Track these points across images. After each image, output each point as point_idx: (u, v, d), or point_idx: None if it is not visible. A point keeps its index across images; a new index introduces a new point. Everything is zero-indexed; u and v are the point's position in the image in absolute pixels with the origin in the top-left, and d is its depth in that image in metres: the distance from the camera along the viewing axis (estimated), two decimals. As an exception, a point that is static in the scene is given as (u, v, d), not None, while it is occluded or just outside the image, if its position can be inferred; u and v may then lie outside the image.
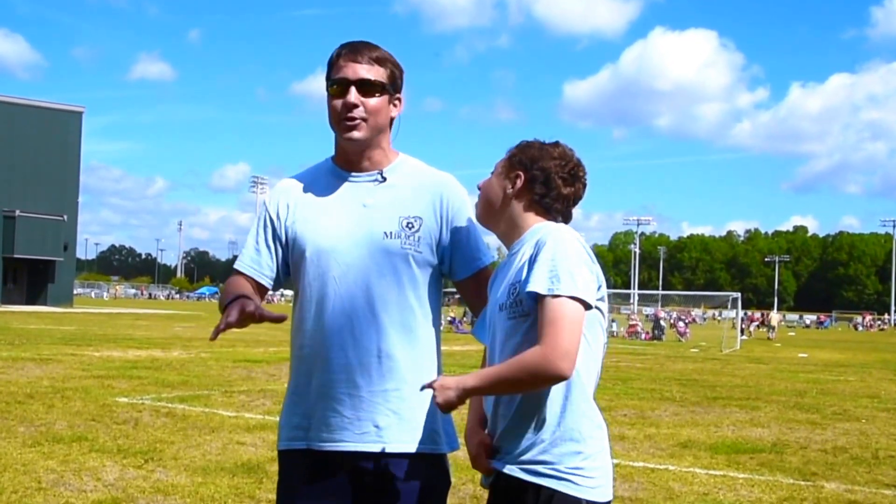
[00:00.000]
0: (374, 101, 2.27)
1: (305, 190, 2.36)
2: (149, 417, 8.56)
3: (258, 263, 2.36)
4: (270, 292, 2.45)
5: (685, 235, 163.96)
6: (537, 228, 2.19)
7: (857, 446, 8.43)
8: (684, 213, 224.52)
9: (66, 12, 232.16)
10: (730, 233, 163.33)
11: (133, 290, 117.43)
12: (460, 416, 2.22)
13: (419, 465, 2.25)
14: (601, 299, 2.12)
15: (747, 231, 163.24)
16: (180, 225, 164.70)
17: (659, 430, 8.99)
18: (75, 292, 59.90)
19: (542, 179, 2.20)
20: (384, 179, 2.33)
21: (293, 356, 2.36)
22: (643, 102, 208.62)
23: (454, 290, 2.53)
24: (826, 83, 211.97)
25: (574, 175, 2.23)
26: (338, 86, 2.27)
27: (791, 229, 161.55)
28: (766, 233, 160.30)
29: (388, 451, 2.23)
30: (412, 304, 2.28)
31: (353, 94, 2.25)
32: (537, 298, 2.04)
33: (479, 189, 2.31)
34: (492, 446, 2.20)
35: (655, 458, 7.44)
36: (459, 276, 2.38)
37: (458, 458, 6.59)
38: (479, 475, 2.32)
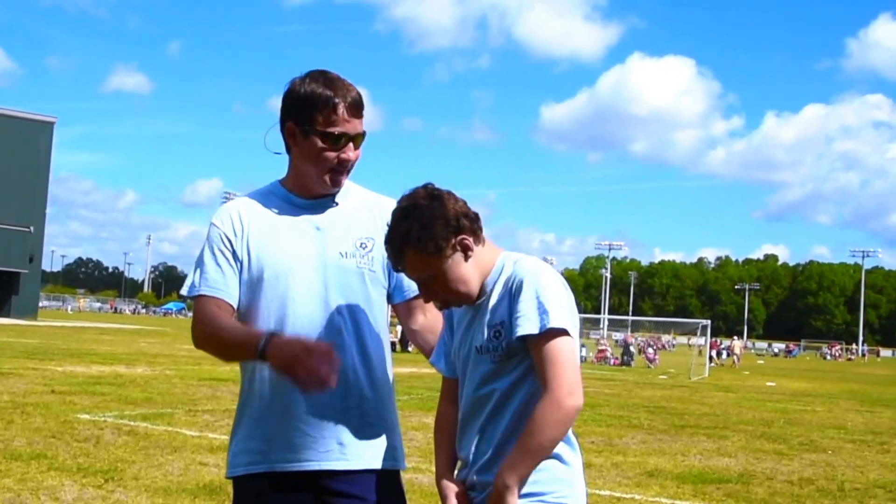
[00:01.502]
0: (360, 151, 2.32)
1: (257, 212, 2.35)
2: (110, 435, 8.40)
3: (224, 285, 2.32)
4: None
5: (656, 261, 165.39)
6: (501, 264, 2.15)
7: (822, 478, 8.46)
8: (656, 238, 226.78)
9: (43, 21, 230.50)
10: (701, 260, 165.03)
11: (98, 304, 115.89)
12: (408, 437, 2.18)
13: (381, 481, 2.29)
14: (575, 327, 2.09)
15: (718, 258, 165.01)
16: (149, 239, 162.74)
17: (626, 458, 8.97)
18: (40, 305, 59.01)
19: (465, 217, 2.09)
20: (337, 204, 2.36)
21: (249, 379, 2.33)
22: (619, 127, 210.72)
23: None
24: (800, 113, 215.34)
25: (445, 191, 2.13)
26: (336, 140, 2.26)
27: (762, 257, 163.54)
28: (736, 260, 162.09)
29: (351, 468, 2.25)
30: (368, 322, 2.33)
31: (353, 152, 2.29)
32: (527, 338, 2.01)
33: (434, 300, 2.16)
34: (466, 489, 2.14)
35: (622, 486, 7.41)
36: (395, 299, 2.43)
37: (424, 485, 6.51)
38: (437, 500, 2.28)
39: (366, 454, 2.27)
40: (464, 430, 2.16)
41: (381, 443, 2.31)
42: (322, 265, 2.29)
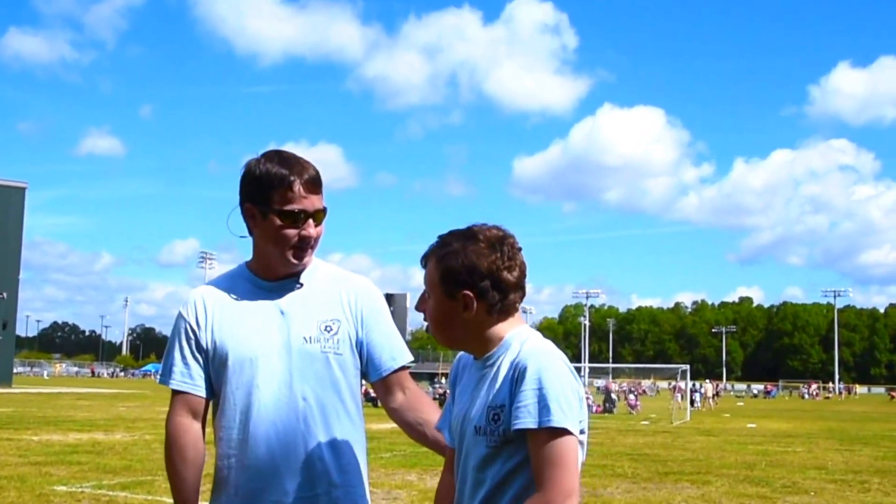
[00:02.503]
0: (321, 227, 2.31)
1: (222, 298, 2.34)
2: (89, 506, 8.26)
3: (190, 377, 2.31)
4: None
5: (634, 307, 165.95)
6: (510, 340, 2.00)
7: (805, 520, 8.48)
8: (633, 285, 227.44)
9: (12, 87, 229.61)
10: (678, 304, 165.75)
11: (75, 368, 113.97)
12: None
13: None
14: (582, 420, 1.93)
15: (695, 302, 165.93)
16: (126, 301, 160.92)
17: (611, 507, 8.95)
18: (14, 371, 58.05)
19: (492, 285, 1.94)
20: (301, 286, 2.34)
21: (219, 466, 2.31)
22: (592, 177, 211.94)
23: None
24: (768, 158, 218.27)
25: (513, 256, 1.96)
26: (295, 218, 2.24)
27: (737, 300, 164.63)
28: (712, 304, 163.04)
29: None
30: (336, 407, 2.29)
31: (313, 228, 2.27)
32: (526, 431, 1.88)
33: (422, 312, 2.06)
34: None
35: (608, 537, 7.39)
36: (372, 378, 2.39)
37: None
38: None
39: None
40: None
41: None
42: (286, 351, 2.26)
